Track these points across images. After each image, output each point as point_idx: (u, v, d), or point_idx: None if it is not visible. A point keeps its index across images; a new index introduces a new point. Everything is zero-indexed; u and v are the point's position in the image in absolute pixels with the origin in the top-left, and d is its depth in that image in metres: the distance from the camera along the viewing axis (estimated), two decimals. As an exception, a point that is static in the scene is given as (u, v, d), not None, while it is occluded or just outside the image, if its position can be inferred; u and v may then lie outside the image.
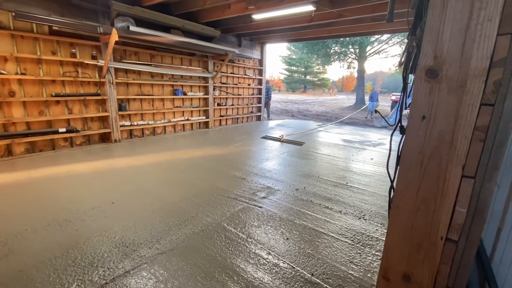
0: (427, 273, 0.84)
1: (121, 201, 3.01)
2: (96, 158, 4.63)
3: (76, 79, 5.13)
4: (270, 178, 3.94)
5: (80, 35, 5.10)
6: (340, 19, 6.05)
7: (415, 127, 0.81)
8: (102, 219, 2.61)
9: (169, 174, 3.98)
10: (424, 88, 0.78)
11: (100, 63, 5.29)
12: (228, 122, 9.29)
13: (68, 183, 3.48)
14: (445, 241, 0.80)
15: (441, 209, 0.79)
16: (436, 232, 0.81)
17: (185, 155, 5.04)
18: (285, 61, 39.04)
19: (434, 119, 0.77)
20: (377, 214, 2.96)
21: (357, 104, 21.23)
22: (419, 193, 0.82)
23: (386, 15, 2.00)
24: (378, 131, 9.19)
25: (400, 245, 0.89)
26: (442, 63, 0.74)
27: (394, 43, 20.48)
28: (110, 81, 5.54)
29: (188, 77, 7.43)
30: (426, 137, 0.79)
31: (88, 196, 3.12)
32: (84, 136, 5.46)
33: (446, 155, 0.76)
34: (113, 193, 3.21)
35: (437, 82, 0.76)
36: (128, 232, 2.40)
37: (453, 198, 0.77)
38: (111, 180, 3.65)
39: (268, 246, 2.27)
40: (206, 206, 2.94)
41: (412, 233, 0.85)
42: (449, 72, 0.74)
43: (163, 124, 6.89)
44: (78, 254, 2.09)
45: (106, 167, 4.19)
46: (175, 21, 5.98)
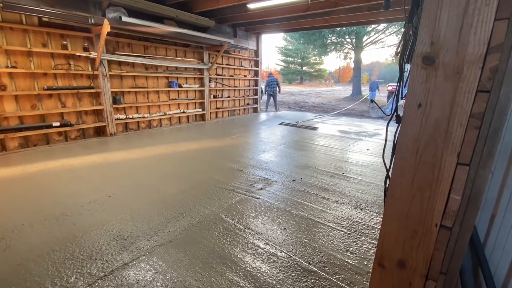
0: (422, 259, 0.86)
1: (118, 195, 3.00)
2: (91, 152, 4.60)
3: (68, 71, 5.02)
4: (267, 170, 3.95)
5: (71, 26, 4.97)
6: (336, 8, 5.97)
7: (411, 115, 0.80)
8: (99, 213, 2.61)
9: (166, 167, 3.97)
10: (421, 76, 0.77)
11: (92, 55, 5.18)
12: (225, 114, 9.24)
13: (64, 177, 3.46)
14: (440, 228, 0.81)
15: (436, 197, 0.80)
16: (431, 219, 0.82)
17: (182, 148, 5.02)
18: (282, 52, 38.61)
19: (430, 106, 0.77)
20: (373, 204, 2.99)
21: (353, 95, 21.21)
22: (415, 181, 0.83)
23: (383, 3, 1.97)
24: (374, 122, 9.22)
25: (396, 232, 0.89)
26: (439, 49, 0.73)
27: (390, 33, 20.31)
28: (104, 73, 5.45)
29: (183, 69, 7.33)
30: (422, 125, 0.79)
31: (85, 190, 3.11)
32: (78, 130, 5.40)
33: (441, 143, 0.76)
34: (110, 187, 3.20)
35: (434, 69, 0.75)
36: (125, 225, 2.40)
37: (448, 186, 0.78)
38: (108, 174, 3.63)
39: (266, 236, 2.30)
40: (204, 198, 2.94)
41: (407, 220, 0.86)
42: (445, 59, 0.73)
43: (159, 117, 6.83)
44: (76, 247, 2.10)
45: (102, 161, 4.16)
46: (168, 11, 5.85)
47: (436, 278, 0.85)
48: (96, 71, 5.36)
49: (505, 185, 0.90)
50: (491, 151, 0.71)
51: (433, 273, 0.85)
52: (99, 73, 5.38)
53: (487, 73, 0.69)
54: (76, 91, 5.16)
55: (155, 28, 5.58)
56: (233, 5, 6.11)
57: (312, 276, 1.86)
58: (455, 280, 0.84)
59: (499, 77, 0.68)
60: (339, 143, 5.75)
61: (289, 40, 35.62)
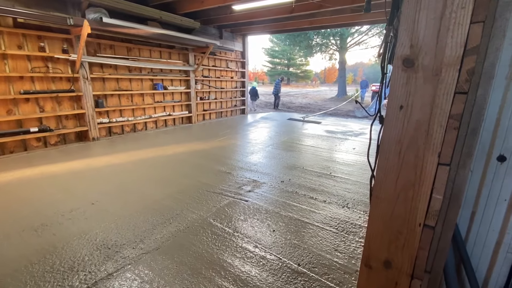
0: (407, 258, 0.87)
1: (101, 202, 2.90)
2: (73, 158, 4.43)
3: (46, 74, 4.82)
4: (255, 172, 3.94)
5: (49, 27, 4.78)
6: (320, 10, 6.05)
7: (393, 117, 0.81)
8: (81, 221, 2.51)
9: (152, 171, 3.87)
10: (401, 78, 0.78)
11: (72, 57, 5.00)
12: (212, 116, 9.16)
13: (43, 186, 3.31)
14: (423, 227, 0.82)
15: (419, 197, 0.81)
16: (415, 219, 0.83)
17: (168, 151, 4.92)
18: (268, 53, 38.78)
19: (411, 108, 0.78)
20: (359, 202, 3.04)
21: (339, 95, 21.58)
22: (398, 182, 0.83)
23: (364, 5, 2.01)
24: (359, 121, 9.41)
25: (381, 233, 0.90)
26: (418, 52, 0.74)
27: (373, 34, 20.85)
28: (85, 76, 5.27)
29: (168, 70, 7.21)
30: (404, 127, 0.79)
31: (66, 198, 2.98)
32: (59, 135, 5.19)
33: (423, 143, 0.77)
34: (93, 194, 3.09)
35: (414, 71, 0.76)
36: (109, 233, 2.32)
37: (430, 186, 0.79)
38: (90, 180, 3.50)
39: (255, 239, 2.28)
40: (191, 203, 2.89)
41: (392, 221, 0.87)
42: (424, 61, 0.74)
43: (144, 120, 6.68)
44: (56, 259, 2.00)
45: (84, 167, 4.01)
46: (152, 12, 5.74)
47: (421, 277, 0.86)
48: (77, 74, 5.17)
49: (484, 183, 0.93)
50: (470, 151, 0.72)
51: (418, 272, 0.86)
52: (79, 76, 5.20)
53: (464, 75, 0.70)
54: (56, 94, 4.96)
55: (138, 30, 5.46)
56: (218, 7, 6.07)
57: (302, 278, 1.86)
58: (439, 278, 0.86)
59: (475, 79, 0.70)
60: (326, 143, 5.83)
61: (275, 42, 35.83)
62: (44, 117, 4.97)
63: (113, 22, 4.91)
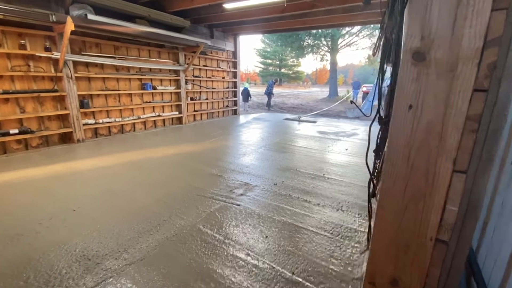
0: (416, 276, 0.77)
1: (83, 208, 2.73)
2: (55, 161, 4.21)
3: (27, 73, 4.58)
4: (247, 174, 3.83)
5: (31, 24, 4.55)
6: (313, 9, 6.00)
7: (401, 117, 0.72)
8: (60, 230, 2.34)
9: (139, 174, 3.71)
10: (411, 73, 0.69)
11: (55, 56, 4.77)
12: (203, 117, 9.00)
13: (22, 191, 3.10)
14: (435, 242, 0.73)
15: (430, 208, 0.72)
16: (425, 233, 0.74)
17: (157, 154, 4.76)
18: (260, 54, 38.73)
19: (422, 108, 0.68)
20: (354, 205, 2.97)
21: (330, 96, 21.71)
22: (407, 191, 0.74)
23: (357, 6, 1.94)
24: (351, 122, 9.43)
25: (387, 247, 0.81)
26: (430, 44, 0.65)
27: (364, 36, 21.12)
28: (69, 75, 5.04)
29: (158, 70, 7.02)
30: (413, 129, 0.70)
31: (45, 204, 2.80)
32: (41, 137, 4.94)
33: (435, 148, 0.68)
34: (75, 199, 2.91)
35: (425, 66, 0.67)
36: (91, 242, 2.16)
37: (443, 196, 0.70)
38: (73, 185, 3.31)
39: (247, 246, 2.17)
40: (180, 208, 2.76)
41: (400, 234, 0.78)
42: (437, 54, 0.65)
43: (132, 121, 6.47)
44: (31, 272, 1.84)
45: (67, 170, 3.81)
46: (140, 10, 5.56)
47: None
48: (60, 73, 4.94)
49: (497, 191, 0.86)
50: (490, 157, 0.64)
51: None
52: (63, 75, 4.97)
53: (484, 70, 0.61)
54: (37, 94, 4.72)
55: (125, 28, 5.27)
56: (208, 5, 5.94)
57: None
58: (452, 297, 0.77)
59: (497, 74, 0.61)
60: (319, 144, 5.77)
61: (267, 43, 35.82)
62: (25, 118, 4.72)
63: (98, 19, 4.72)
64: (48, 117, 5.01)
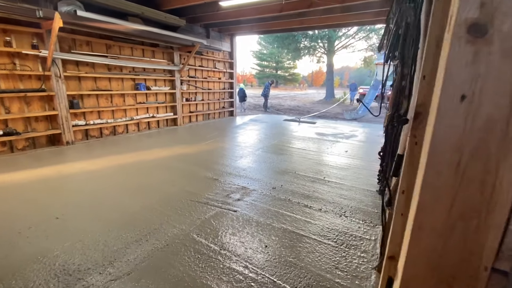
0: (464, 315, 0.61)
1: (68, 215, 2.52)
2: (42, 164, 3.98)
3: (13, 72, 4.36)
4: (245, 177, 3.65)
5: (17, 20, 4.32)
6: (310, 9, 5.88)
7: (450, 112, 0.55)
8: (40, 240, 2.14)
9: (131, 178, 3.51)
10: (464, 54, 0.52)
11: (43, 54, 4.56)
12: (199, 118, 8.81)
13: (2, 196, 2.88)
14: (491, 272, 0.57)
15: (486, 229, 0.56)
16: (478, 260, 0.57)
17: (150, 156, 4.55)
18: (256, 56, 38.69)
19: (480, 99, 0.52)
20: (357, 210, 2.81)
21: (327, 98, 21.66)
22: (455, 207, 0.58)
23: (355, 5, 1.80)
24: (349, 123, 9.32)
25: (425, 277, 0.64)
26: (493, 12, 0.49)
27: (360, 38, 21.16)
28: (57, 74, 4.82)
29: (152, 70, 6.82)
30: (466, 126, 0.54)
31: (26, 211, 2.58)
32: (27, 139, 4.71)
33: (496, 150, 0.52)
34: (59, 206, 2.70)
35: (486, 42, 0.51)
36: (73, 255, 1.96)
37: (504, 213, 0.54)
38: (59, 190, 3.10)
39: (245, 257, 1.99)
40: (173, 215, 2.57)
41: (443, 261, 0.61)
42: (504, 27, 0.49)
43: (125, 122, 6.25)
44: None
45: (53, 174, 3.59)
46: (132, 7, 5.37)
47: None
48: (48, 72, 4.72)
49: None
50: None
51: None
52: (51, 74, 4.75)
53: None
54: (24, 94, 4.49)
55: (118, 25, 5.08)
56: (204, 3, 5.78)
57: (300, 306, 1.58)
58: None
59: None
60: (318, 146, 5.62)
61: (263, 45, 35.80)
62: (10, 119, 4.48)
63: (88, 16, 4.52)
64: (35, 118, 4.78)
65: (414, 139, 1.10)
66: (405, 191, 1.17)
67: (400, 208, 1.20)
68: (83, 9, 4.65)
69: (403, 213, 1.20)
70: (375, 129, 8.06)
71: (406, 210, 1.20)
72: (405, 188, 1.17)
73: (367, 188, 3.41)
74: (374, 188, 3.39)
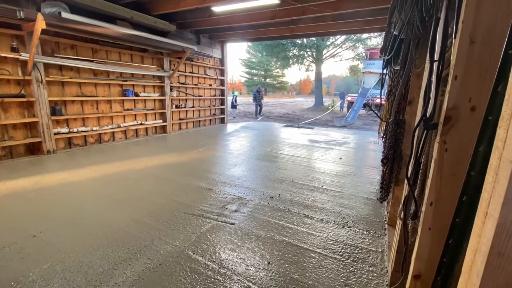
0: None
1: (47, 233, 2.27)
2: (19, 175, 3.67)
3: (-11, 76, 4.05)
4: (240, 187, 3.49)
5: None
6: (302, 16, 5.89)
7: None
8: (14, 263, 1.88)
9: (117, 190, 3.27)
10: None
11: (23, 57, 4.28)
12: (189, 125, 8.58)
13: (-30, 213, 2.58)
14: None
15: None
16: None
17: (138, 165, 4.31)
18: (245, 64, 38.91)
19: None
20: (360, 219, 2.71)
21: (316, 105, 21.90)
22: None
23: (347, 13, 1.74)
24: (339, 130, 9.37)
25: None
26: None
27: (347, 47, 21.70)
28: (39, 79, 4.54)
29: (140, 75, 6.60)
30: None
31: (0, 229, 2.31)
32: (3, 148, 4.35)
33: None
34: (37, 222, 2.44)
35: None
36: (52, 279, 1.73)
37: None
38: (37, 204, 2.82)
39: (247, 276, 1.82)
40: (165, 229, 2.36)
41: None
42: None
43: (111, 130, 5.96)
44: (-36, 327, 1.39)
45: (32, 186, 3.30)
46: (121, 11, 5.19)
47: None
48: (29, 76, 4.43)
49: None
50: None
51: None
52: (32, 79, 4.46)
53: None
54: (0, 100, 4.17)
55: (105, 29, 4.87)
56: (195, 8, 5.67)
57: (312, 331, 1.43)
58: None
59: None
60: (312, 153, 5.54)
61: (252, 53, 36.10)
62: (-15, 127, 4.14)
63: (74, 18, 4.31)
64: (13, 125, 4.45)
65: (444, 145, 0.99)
66: (434, 203, 1.06)
67: (428, 222, 1.08)
68: (69, 11, 4.43)
69: (431, 227, 1.08)
70: (365, 136, 8.11)
71: (435, 224, 1.09)
72: (434, 200, 1.05)
73: (367, 196, 3.32)
74: (374, 196, 3.31)
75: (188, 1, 5.25)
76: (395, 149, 2.20)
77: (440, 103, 1.06)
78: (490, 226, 0.51)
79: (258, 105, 14.19)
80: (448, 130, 0.98)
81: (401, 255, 1.49)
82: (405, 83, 2.09)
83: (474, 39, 0.90)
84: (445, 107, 0.97)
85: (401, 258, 1.47)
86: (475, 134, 0.80)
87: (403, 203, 1.28)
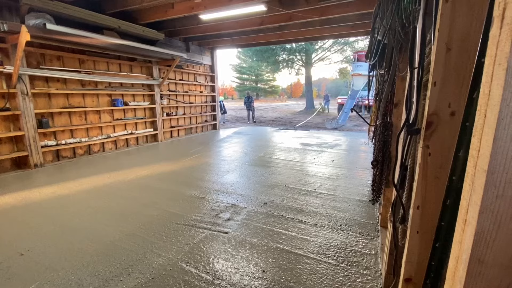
0: None
1: (34, 250, 2.20)
2: (4, 191, 3.56)
3: (-29, 90, 3.95)
4: (233, 194, 3.47)
5: (-24, 34, 3.97)
6: (290, 22, 5.98)
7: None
8: (1, 283, 1.81)
9: (108, 202, 3.20)
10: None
11: (7, 70, 4.19)
12: (181, 133, 8.53)
13: (-47, 233, 2.49)
14: None
15: None
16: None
17: (129, 176, 4.24)
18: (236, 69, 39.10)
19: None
20: (353, 222, 2.72)
21: (307, 108, 22.11)
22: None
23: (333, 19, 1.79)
24: (331, 133, 9.46)
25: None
26: None
27: (335, 50, 22.07)
28: (24, 92, 4.44)
29: (129, 84, 6.54)
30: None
31: (-17, 249, 2.23)
32: (-12, 163, 4.23)
33: None
34: (25, 240, 2.36)
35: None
36: (39, 300, 1.67)
37: None
38: (24, 221, 2.74)
39: (241, 286, 1.80)
40: (157, 242, 2.32)
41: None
42: None
43: (101, 141, 5.86)
44: None
45: (18, 202, 3.20)
46: (108, 21, 5.17)
47: None
48: (14, 89, 4.34)
49: None
50: None
51: None
52: (17, 92, 4.36)
53: None
54: (-16, 114, 4.07)
55: (92, 39, 4.83)
56: (183, 16, 5.70)
57: None
58: None
59: None
60: (304, 157, 5.57)
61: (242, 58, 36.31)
62: (-32, 142, 4.02)
63: (59, 29, 4.26)
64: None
65: (427, 150, 1.02)
66: (420, 206, 1.07)
67: (415, 225, 1.10)
68: (54, 22, 4.38)
69: (419, 230, 1.10)
70: (356, 137, 8.21)
71: (423, 227, 1.10)
72: (420, 203, 1.07)
73: (359, 198, 3.35)
74: (366, 197, 3.34)
75: (176, 10, 5.27)
76: (384, 151, 2.24)
77: (422, 108, 1.09)
78: (469, 233, 0.52)
79: (250, 110, 14.42)
80: (430, 134, 1.00)
81: (393, 257, 1.51)
82: (390, 86, 2.14)
83: (450, 46, 0.93)
84: (426, 112, 1.00)
85: (393, 260, 1.49)
86: (455, 138, 0.82)
87: (391, 207, 1.30)
